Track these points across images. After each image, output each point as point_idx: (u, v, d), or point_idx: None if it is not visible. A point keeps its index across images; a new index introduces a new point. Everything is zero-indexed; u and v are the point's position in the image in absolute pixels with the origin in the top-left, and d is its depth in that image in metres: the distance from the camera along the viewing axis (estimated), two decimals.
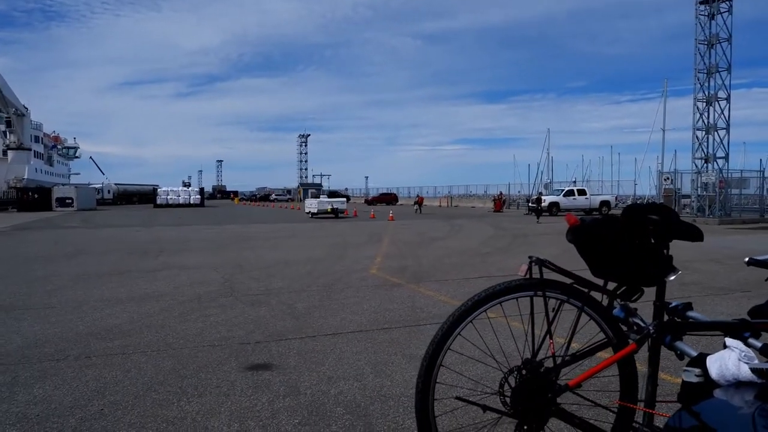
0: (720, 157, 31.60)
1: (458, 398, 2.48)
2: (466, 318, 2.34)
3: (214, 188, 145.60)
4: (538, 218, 30.41)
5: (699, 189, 31.68)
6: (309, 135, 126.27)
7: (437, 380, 2.40)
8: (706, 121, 31.74)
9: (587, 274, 2.54)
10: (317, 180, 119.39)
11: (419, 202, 54.09)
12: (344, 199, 45.03)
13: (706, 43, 31.54)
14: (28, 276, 10.89)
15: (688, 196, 34.07)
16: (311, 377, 4.72)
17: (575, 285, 2.47)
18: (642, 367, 2.44)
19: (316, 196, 48.71)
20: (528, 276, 2.37)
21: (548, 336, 2.37)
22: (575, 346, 2.52)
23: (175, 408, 4.04)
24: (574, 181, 52.73)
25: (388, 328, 6.48)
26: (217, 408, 4.04)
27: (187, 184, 75.01)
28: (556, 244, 16.92)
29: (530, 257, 2.43)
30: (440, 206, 62.51)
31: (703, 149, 31.85)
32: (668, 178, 33.23)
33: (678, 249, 2.30)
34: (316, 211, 37.50)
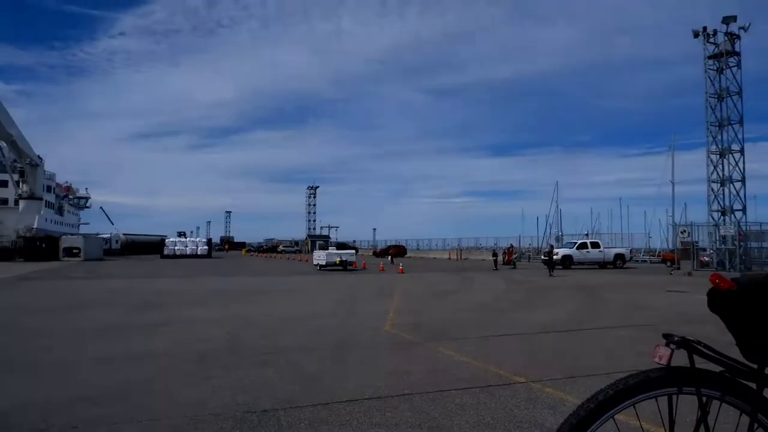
0: (737, 210, 31.05)
1: None
2: (586, 428, 1.72)
3: (221, 239, 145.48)
4: (551, 271, 29.66)
5: (717, 242, 30.97)
6: (318, 187, 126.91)
7: None
8: (720, 174, 31.39)
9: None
10: (325, 231, 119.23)
11: (393, 253, 53.90)
12: (353, 251, 44.41)
13: (716, 96, 31.56)
14: (23, 330, 10.34)
15: (705, 249, 33.31)
16: None
17: (739, 379, 1.83)
18: None
19: (324, 248, 48.14)
20: (668, 364, 1.75)
21: None
22: None
23: None
24: (587, 234, 52.01)
25: (408, 394, 5.84)
26: None
27: (181, 234, 74.71)
28: (573, 299, 16.24)
29: (668, 336, 1.81)
30: (449, 259, 61.74)
31: (719, 201, 31.35)
32: (685, 231, 32.57)
33: None
34: (324, 263, 36.90)
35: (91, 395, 5.77)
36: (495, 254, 40.47)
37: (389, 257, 49.74)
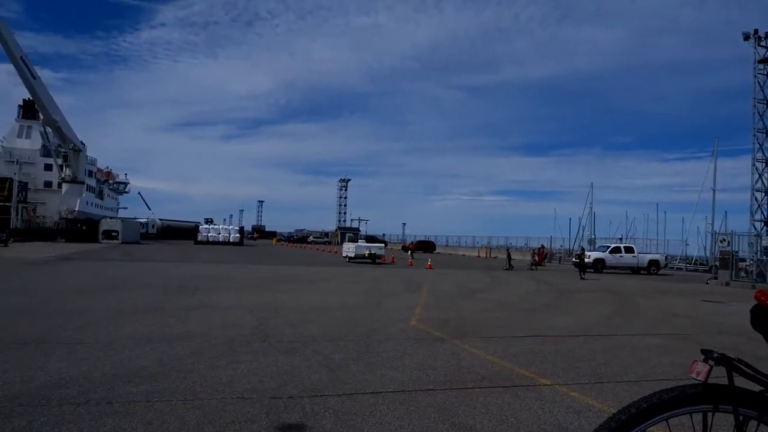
0: None
1: None
2: None
3: (253, 227, 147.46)
4: (582, 274, 29.20)
5: (759, 253, 30.02)
6: (349, 180, 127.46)
7: None
8: (765, 182, 30.39)
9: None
10: (355, 224, 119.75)
11: (413, 248, 54.31)
12: (382, 245, 44.55)
13: (765, 102, 30.52)
14: (63, 308, 10.75)
15: (744, 260, 32.29)
16: None
17: None
18: None
19: (354, 241, 48.44)
20: (706, 380, 1.72)
21: None
22: None
23: None
24: (621, 238, 50.96)
25: (432, 389, 5.90)
26: None
27: (208, 221, 76.12)
28: (603, 303, 16.00)
29: (707, 352, 1.78)
30: (479, 257, 61.34)
31: (762, 211, 30.38)
32: (724, 240, 31.63)
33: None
34: (353, 255, 37.15)
35: (127, 373, 6.00)
36: (509, 254, 39.44)
37: (409, 252, 50.04)
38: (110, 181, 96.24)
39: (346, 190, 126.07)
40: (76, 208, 63.44)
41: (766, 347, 1.91)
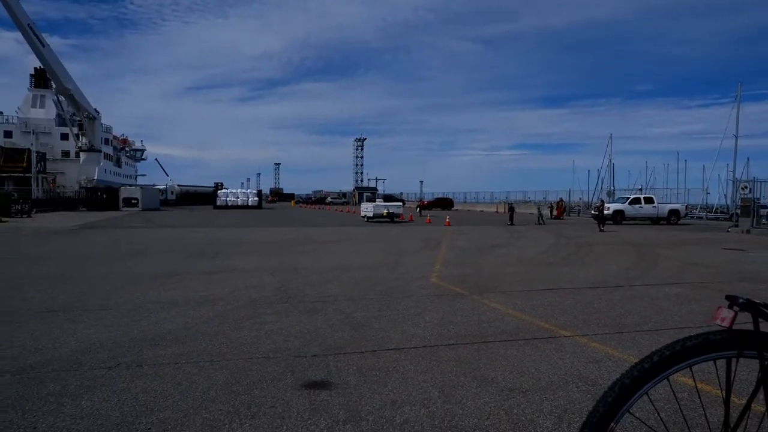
0: None
1: None
2: (641, 387, 1.67)
3: (271, 190, 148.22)
4: (601, 227, 28.98)
5: None
6: (365, 139, 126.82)
7: None
8: None
9: None
10: (372, 184, 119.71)
11: (421, 205, 55.38)
12: (400, 204, 44.55)
13: None
14: (89, 275, 11.00)
15: (766, 207, 31.73)
16: (373, 400, 4.27)
17: None
18: None
19: (372, 200, 48.60)
20: (730, 327, 1.69)
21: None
22: None
23: (226, 431, 3.68)
24: (640, 189, 50.29)
25: (454, 344, 5.97)
26: None
27: (218, 185, 77.63)
28: (624, 255, 15.91)
29: (732, 298, 1.74)
30: (497, 212, 61.09)
31: None
32: (746, 187, 31.03)
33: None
34: (371, 215, 37.27)
35: (155, 337, 6.15)
36: (512, 208, 38.46)
37: (418, 209, 50.42)
38: (127, 149, 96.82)
39: (362, 149, 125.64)
40: (95, 177, 64.12)
41: None
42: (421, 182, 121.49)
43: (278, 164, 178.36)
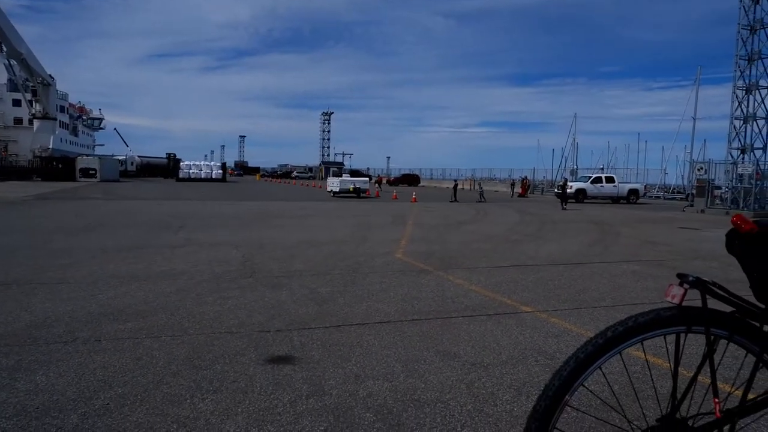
0: (758, 148, 30.40)
1: None
2: (595, 361, 1.74)
3: (235, 163, 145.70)
4: (564, 205, 29.59)
5: (734, 180, 30.53)
6: (332, 113, 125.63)
7: None
8: (744, 111, 30.47)
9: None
10: (339, 158, 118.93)
11: (379, 180, 56.70)
12: (367, 179, 44.52)
13: (749, 28, 30.10)
14: (45, 248, 10.66)
15: (720, 188, 32.90)
16: (337, 374, 4.29)
17: (749, 320, 1.86)
18: None
19: (338, 175, 48.26)
20: (680, 303, 1.76)
21: (712, 390, 1.81)
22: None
23: (187, 406, 3.65)
24: (602, 168, 51.46)
25: (417, 319, 6.03)
26: (234, 408, 3.63)
27: (170, 156, 77.60)
28: (584, 233, 16.30)
29: (682, 276, 1.81)
30: (463, 189, 61.61)
31: (740, 139, 30.64)
32: (702, 168, 32.05)
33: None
34: (338, 190, 37.13)
35: (114, 312, 6.02)
36: (456, 186, 39.21)
37: (377, 184, 51.12)
38: (84, 117, 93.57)
39: (329, 123, 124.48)
40: (50, 146, 61.90)
41: (738, 271, 1.95)
42: (388, 158, 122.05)
43: (243, 137, 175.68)
